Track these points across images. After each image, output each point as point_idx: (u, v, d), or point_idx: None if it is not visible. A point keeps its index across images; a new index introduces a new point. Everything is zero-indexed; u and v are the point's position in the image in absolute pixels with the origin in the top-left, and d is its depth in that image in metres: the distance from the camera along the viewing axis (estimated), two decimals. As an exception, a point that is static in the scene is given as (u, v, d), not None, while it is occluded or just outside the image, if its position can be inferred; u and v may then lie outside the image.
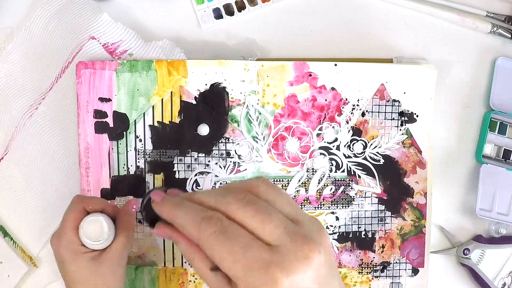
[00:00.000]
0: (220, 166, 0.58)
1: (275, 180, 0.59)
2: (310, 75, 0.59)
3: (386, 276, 0.61)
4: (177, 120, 0.57)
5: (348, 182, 0.60)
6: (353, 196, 0.60)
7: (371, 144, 0.60)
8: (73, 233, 0.48)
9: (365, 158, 0.60)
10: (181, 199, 0.36)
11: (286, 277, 0.31)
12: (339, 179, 0.60)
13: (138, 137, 0.57)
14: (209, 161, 0.58)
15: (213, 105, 0.58)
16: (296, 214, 0.35)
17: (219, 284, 0.34)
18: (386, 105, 0.60)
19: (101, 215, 0.49)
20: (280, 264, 0.31)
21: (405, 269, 0.61)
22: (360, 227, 0.61)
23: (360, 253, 0.61)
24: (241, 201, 0.33)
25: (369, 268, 0.61)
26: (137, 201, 0.53)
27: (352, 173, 0.60)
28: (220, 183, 0.58)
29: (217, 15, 0.61)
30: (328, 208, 0.60)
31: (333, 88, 0.59)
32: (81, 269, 0.48)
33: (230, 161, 0.58)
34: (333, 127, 0.59)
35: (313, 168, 0.60)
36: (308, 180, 0.60)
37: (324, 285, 0.33)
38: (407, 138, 0.61)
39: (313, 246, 0.32)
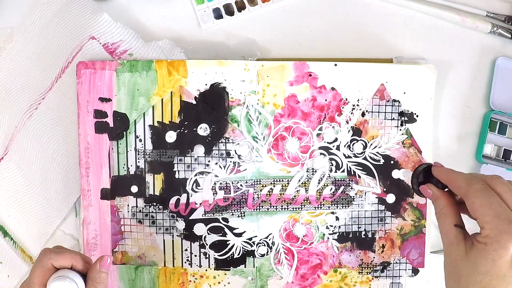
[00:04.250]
0: (220, 166, 0.58)
1: (275, 180, 0.59)
2: (310, 75, 0.59)
3: (386, 276, 0.61)
4: (177, 120, 0.57)
5: (348, 182, 0.60)
6: (353, 196, 0.60)
7: (371, 144, 0.60)
8: None
9: (365, 158, 0.60)
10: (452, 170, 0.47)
11: None
12: (339, 179, 0.60)
13: (138, 137, 0.57)
14: (209, 161, 0.58)
15: (213, 105, 0.58)
16: None
17: (457, 237, 0.44)
18: (386, 105, 0.60)
19: (70, 273, 0.46)
20: None
21: (405, 269, 0.61)
22: (360, 227, 0.61)
23: (360, 253, 0.61)
24: (501, 180, 0.43)
25: (369, 268, 0.61)
26: (110, 258, 0.49)
27: (352, 173, 0.60)
28: (220, 183, 0.58)
29: (217, 15, 0.61)
30: (328, 208, 0.60)
31: (333, 88, 0.59)
32: None
33: (230, 161, 0.58)
34: (333, 127, 0.59)
35: (313, 168, 0.60)
36: (308, 180, 0.60)
37: None
38: (407, 138, 0.61)
39: None
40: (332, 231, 0.60)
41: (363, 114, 0.60)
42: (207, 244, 0.59)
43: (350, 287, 0.61)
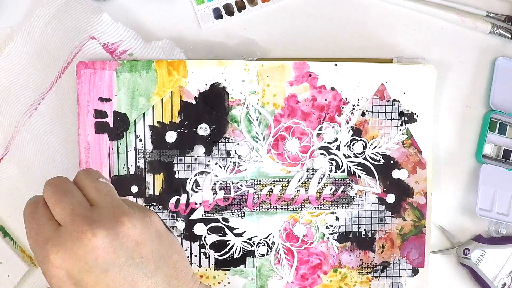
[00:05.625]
0: (220, 166, 0.58)
1: (275, 180, 0.59)
2: (310, 75, 0.59)
3: (386, 276, 0.61)
4: (177, 120, 0.57)
5: (348, 182, 0.60)
6: (353, 196, 0.60)
7: (371, 144, 0.60)
8: None
9: (365, 158, 0.60)
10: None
11: (55, 254, 0.34)
12: (339, 179, 0.60)
13: (138, 137, 0.57)
14: (209, 161, 0.58)
15: (213, 105, 0.58)
16: (98, 199, 0.36)
17: None
18: (386, 105, 0.60)
19: None
20: (56, 242, 0.34)
21: (405, 269, 0.61)
22: (360, 227, 0.61)
23: (360, 253, 0.61)
24: (49, 184, 0.37)
25: (369, 268, 0.61)
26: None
27: (352, 173, 0.60)
28: (220, 183, 0.58)
29: (217, 15, 0.61)
30: (328, 208, 0.60)
31: (333, 88, 0.59)
32: None
33: (230, 161, 0.58)
34: (333, 127, 0.59)
35: (313, 168, 0.60)
36: (308, 180, 0.60)
37: (101, 270, 0.34)
38: (407, 138, 0.61)
39: (88, 228, 0.34)
40: (332, 231, 0.60)
41: (363, 114, 0.60)
42: (207, 244, 0.59)
43: (350, 287, 0.61)
